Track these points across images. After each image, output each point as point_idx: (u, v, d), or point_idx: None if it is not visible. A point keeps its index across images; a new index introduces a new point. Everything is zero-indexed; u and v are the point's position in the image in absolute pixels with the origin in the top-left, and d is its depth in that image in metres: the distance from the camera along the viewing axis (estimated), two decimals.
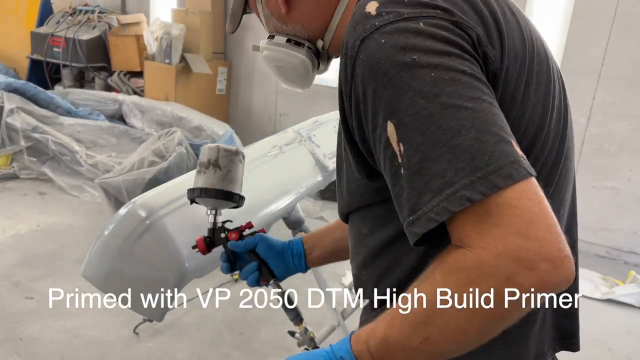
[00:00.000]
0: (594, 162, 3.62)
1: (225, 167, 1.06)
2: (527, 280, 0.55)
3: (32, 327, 2.36)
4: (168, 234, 1.24)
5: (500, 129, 0.60)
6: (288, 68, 0.91)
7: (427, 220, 0.59)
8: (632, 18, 3.35)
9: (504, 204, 0.56)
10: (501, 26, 0.69)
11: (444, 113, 0.59)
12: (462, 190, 0.57)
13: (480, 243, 0.57)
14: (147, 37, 4.49)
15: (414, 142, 0.60)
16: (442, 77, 0.61)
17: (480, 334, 0.60)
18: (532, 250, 0.55)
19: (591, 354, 2.58)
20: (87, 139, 4.05)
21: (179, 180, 1.42)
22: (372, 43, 0.63)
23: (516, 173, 0.57)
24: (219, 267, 1.40)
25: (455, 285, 0.58)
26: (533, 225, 0.55)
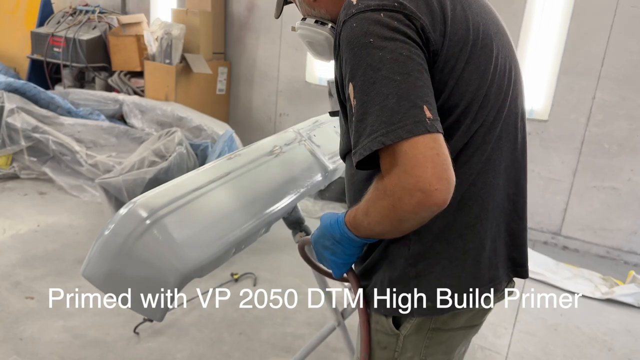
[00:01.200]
0: (594, 162, 3.62)
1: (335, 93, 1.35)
2: (409, 201, 0.84)
3: (32, 327, 2.37)
4: (168, 234, 1.24)
5: (417, 97, 0.85)
6: (316, 43, 1.18)
7: (359, 154, 0.88)
8: (632, 18, 3.35)
9: (402, 150, 0.84)
10: (447, 17, 0.93)
11: (382, 82, 0.86)
12: (380, 137, 0.85)
13: (386, 174, 0.87)
14: (147, 37, 4.49)
15: (361, 100, 0.88)
16: (386, 56, 0.86)
17: (392, 227, 0.91)
18: (411, 183, 0.83)
19: (591, 354, 2.58)
20: (87, 139, 4.05)
21: (179, 180, 1.42)
22: (348, 25, 0.91)
23: (416, 129, 0.83)
24: (219, 267, 1.40)
25: (375, 196, 0.90)
26: (415, 167, 0.82)
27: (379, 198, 0.88)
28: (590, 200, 3.68)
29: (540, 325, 2.79)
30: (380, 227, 0.92)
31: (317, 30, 1.14)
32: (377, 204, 0.89)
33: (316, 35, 1.15)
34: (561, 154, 3.70)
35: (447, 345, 1.09)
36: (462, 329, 1.09)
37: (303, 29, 1.17)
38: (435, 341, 1.06)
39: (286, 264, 3.16)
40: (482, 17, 1.01)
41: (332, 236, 1.03)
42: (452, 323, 1.06)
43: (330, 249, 1.05)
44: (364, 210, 0.94)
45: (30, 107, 4.11)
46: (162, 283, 1.20)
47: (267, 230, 1.59)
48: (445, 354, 1.10)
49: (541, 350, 2.56)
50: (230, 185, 1.47)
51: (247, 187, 1.52)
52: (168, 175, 3.17)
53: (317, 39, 1.16)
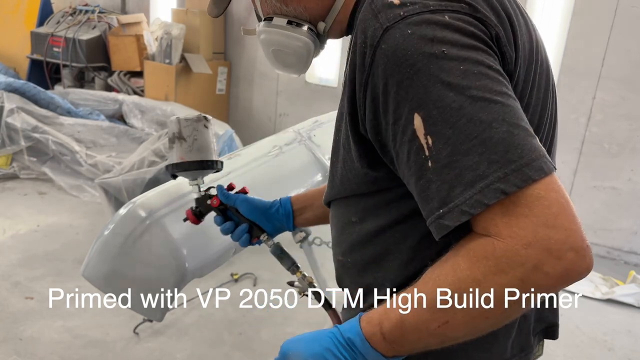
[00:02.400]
0: (594, 162, 3.62)
1: (189, 137, 1.05)
2: (554, 269, 0.57)
3: (32, 327, 2.36)
4: (168, 234, 1.24)
5: (527, 123, 0.61)
6: (288, 52, 0.87)
7: (460, 213, 0.59)
8: (632, 18, 3.35)
9: (532, 195, 0.57)
10: (515, 29, 0.70)
11: (474, 106, 0.59)
12: (496, 183, 0.57)
13: (509, 232, 0.57)
14: (147, 37, 4.49)
15: (443, 135, 0.60)
16: (471, 70, 0.61)
17: (500, 319, 0.61)
18: (560, 240, 0.56)
19: (591, 354, 2.58)
20: (87, 139, 4.05)
21: (179, 180, 1.42)
22: (397, 33, 0.63)
23: (546, 166, 0.58)
24: (219, 267, 1.40)
25: (482, 273, 0.59)
26: (560, 216, 0.57)
27: (494, 273, 0.58)
28: (590, 200, 3.68)
29: None
30: (473, 324, 0.61)
31: (293, 35, 0.84)
32: (487, 283, 0.59)
33: (290, 42, 0.85)
34: (561, 154, 3.70)
35: None
36: None
37: (270, 32, 0.86)
38: None
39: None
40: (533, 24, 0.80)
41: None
42: None
43: None
44: (432, 302, 0.62)
45: (30, 107, 4.11)
46: (162, 283, 1.20)
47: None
48: None
49: None
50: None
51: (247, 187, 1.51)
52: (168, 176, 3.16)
53: (290, 47, 0.85)
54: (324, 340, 0.68)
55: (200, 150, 1.06)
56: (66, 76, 4.90)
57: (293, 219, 1.13)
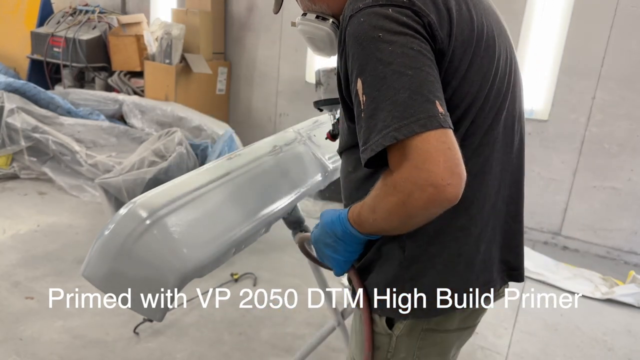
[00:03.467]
0: (594, 162, 3.62)
1: (325, 82, 1.43)
2: (420, 197, 0.81)
3: (32, 327, 2.36)
4: (168, 234, 1.24)
5: (429, 92, 0.83)
6: (317, 39, 1.15)
7: (370, 150, 0.85)
8: (632, 18, 3.35)
9: (413, 145, 0.81)
10: (452, 17, 0.91)
11: (392, 76, 0.83)
12: (392, 132, 0.82)
13: (397, 169, 0.84)
14: (147, 37, 4.49)
15: (371, 95, 0.86)
16: (396, 50, 0.84)
17: (401, 223, 0.89)
18: (423, 177, 0.80)
19: (591, 354, 2.58)
20: (87, 139, 4.05)
21: (179, 180, 1.42)
22: (356, 20, 0.88)
23: (429, 124, 0.81)
24: (219, 267, 1.40)
25: (384, 193, 0.88)
26: (427, 161, 0.80)
27: (388, 194, 0.86)
28: (590, 200, 3.68)
29: (540, 325, 2.78)
30: (387, 224, 0.91)
31: (318, 26, 1.12)
32: (386, 200, 0.87)
33: (317, 31, 1.13)
34: (561, 154, 3.70)
35: (440, 347, 1.09)
36: (456, 331, 1.09)
37: (303, 24, 1.15)
38: (428, 342, 1.07)
39: (286, 264, 3.16)
40: (486, 17, 1.00)
41: (333, 233, 1.01)
42: (445, 324, 1.06)
43: (332, 246, 1.03)
44: (370, 207, 0.92)
45: (30, 107, 4.11)
46: (162, 283, 1.20)
47: (267, 230, 1.59)
48: (439, 356, 1.10)
49: (541, 351, 2.56)
50: (230, 186, 1.47)
51: (247, 187, 1.51)
52: (168, 175, 3.16)
53: (318, 35, 1.14)
54: (334, 216, 1.02)
55: (334, 91, 1.41)
56: (66, 76, 4.90)
57: None
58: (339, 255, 1.04)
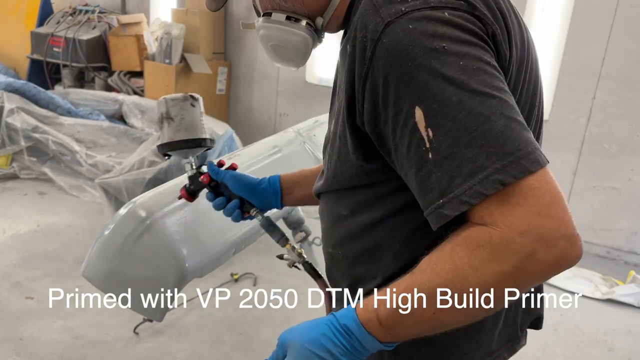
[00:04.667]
0: (594, 162, 3.62)
1: (177, 117, 1.08)
2: (547, 257, 0.59)
3: (32, 327, 2.36)
4: (168, 234, 1.24)
5: (522, 118, 0.64)
6: (287, 47, 0.89)
7: (459, 203, 0.61)
8: (632, 18, 3.35)
9: (527, 186, 0.60)
10: (510, 29, 0.72)
11: (474, 100, 0.62)
12: (494, 175, 0.60)
13: (504, 222, 0.60)
14: (147, 37, 4.49)
15: (444, 128, 0.62)
16: (470, 65, 0.63)
17: (496, 305, 0.63)
18: (553, 229, 0.58)
19: (591, 354, 2.58)
20: (87, 139, 4.05)
21: (179, 180, 1.42)
22: (399, 28, 0.65)
23: (541, 159, 0.61)
24: (219, 267, 1.40)
25: (480, 260, 0.61)
26: (553, 206, 0.59)
27: (491, 260, 0.60)
28: (590, 200, 3.68)
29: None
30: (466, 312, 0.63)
31: (291, 30, 0.85)
32: (483, 271, 0.61)
33: (289, 37, 0.86)
34: (561, 154, 3.70)
35: None
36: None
37: (269, 28, 0.88)
38: None
39: (286, 264, 3.16)
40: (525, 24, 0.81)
41: (328, 353, 0.68)
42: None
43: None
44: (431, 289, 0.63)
45: (30, 107, 4.11)
46: (162, 283, 1.20)
47: None
48: None
49: (541, 350, 2.56)
50: None
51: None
52: (168, 175, 3.16)
53: (289, 42, 0.87)
54: (321, 326, 0.70)
55: (189, 129, 1.09)
56: (66, 76, 4.89)
57: (281, 198, 1.15)
58: None
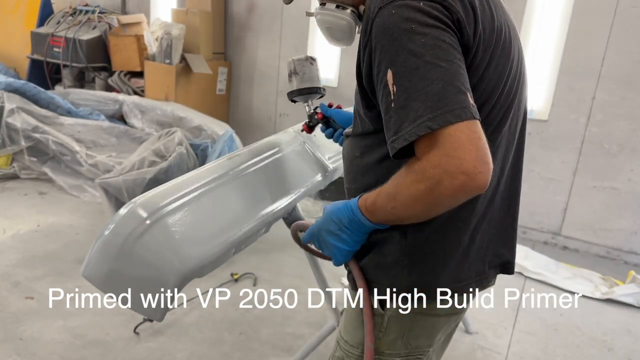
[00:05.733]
0: (594, 162, 3.62)
1: (301, 72, 1.46)
2: (450, 184, 0.82)
3: (32, 327, 2.37)
4: (168, 234, 1.24)
5: (462, 84, 0.86)
6: (336, 29, 1.18)
7: (403, 139, 0.86)
8: (632, 18, 3.35)
9: (446, 133, 0.82)
10: (477, 16, 0.93)
11: (425, 67, 0.85)
12: (427, 122, 0.83)
13: (426, 157, 0.85)
14: (147, 37, 4.49)
15: (403, 86, 0.86)
16: (429, 42, 0.86)
17: (424, 211, 0.91)
18: (454, 165, 0.81)
19: (591, 354, 2.58)
20: (87, 139, 4.05)
21: (179, 180, 1.42)
22: (386, 12, 0.89)
23: (463, 114, 0.83)
24: (219, 267, 1.40)
25: (410, 180, 0.88)
26: (459, 149, 0.82)
27: (415, 181, 0.86)
28: (590, 200, 3.68)
29: (540, 325, 2.79)
30: (407, 212, 0.92)
31: (339, 15, 1.15)
32: (411, 188, 0.87)
33: (337, 21, 1.16)
34: (561, 154, 3.70)
35: (429, 330, 1.12)
36: (444, 316, 1.12)
37: (323, 14, 1.18)
38: (418, 324, 1.10)
39: (286, 264, 3.16)
40: (504, 17, 1.02)
41: (339, 220, 1.02)
42: (435, 308, 1.09)
43: (335, 234, 1.04)
44: (389, 195, 0.93)
45: (30, 107, 4.11)
46: (162, 283, 1.20)
47: (267, 230, 1.59)
48: (427, 339, 1.13)
49: (541, 350, 2.56)
50: (230, 186, 1.47)
51: (247, 187, 1.52)
52: (168, 175, 3.17)
53: (338, 24, 1.16)
54: (340, 205, 1.04)
55: (309, 81, 1.47)
56: (66, 76, 4.90)
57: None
58: (343, 244, 1.04)
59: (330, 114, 1.51)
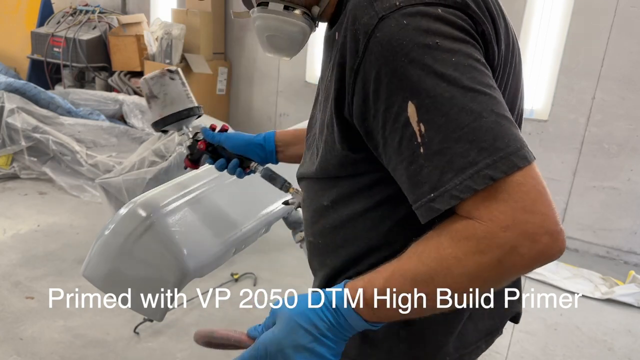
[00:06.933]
0: (594, 162, 3.62)
1: (160, 93, 1.15)
2: (529, 251, 0.60)
3: (32, 327, 2.37)
4: (168, 234, 1.24)
5: (510, 115, 0.65)
6: (282, 37, 0.87)
7: (450, 197, 0.62)
8: (632, 18, 3.35)
9: (514, 182, 0.61)
10: (497, 27, 0.73)
11: (465, 96, 0.62)
12: (485, 170, 0.61)
13: (489, 216, 0.61)
14: (148, 37, 4.49)
15: (436, 123, 0.63)
16: (462, 62, 0.64)
17: (478, 295, 0.65)
18: (537, 224, 0.59)
19: (591, 354, 2.58)
20: (87, 139, 4.05)
21: (179, 180, 1.42)
22: (393, 23, 0.65)
23: (529, 155, 0.63)
24: (219, 267, 1.40)
25: (464, 252, 0.62)
26: (537, 202, 0.60)
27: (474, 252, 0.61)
28: (590, 200, 3.68)
29: (540, 325, 2.78)
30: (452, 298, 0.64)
31: (290, 20, 0.84)
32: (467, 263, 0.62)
33: (286, 27, 0.85)
34: (561, 154, 3.70)
35: None
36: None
37: (266, 18, 0.85)
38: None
39: (286, 264, 3.16)
40: (510, 23, 0.82)
41: (313, 327, 0.69)
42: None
43: (309, 349, 0.69)
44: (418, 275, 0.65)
45: (30, 107, 4.11)
46: (162, 283, 1.20)
47: (267, 230, 1.59)
48: None
49: (541, 350, 2.56)
50: (230, 186, 1.47)
51: (247, 187, 1.52)
52: (168, 175, 3.16)
53: (286, 32, 0.85)
54: (312, 300, 0.71)
55: (174, 103, 1.16)
56: (66, 76, 4.90)
57: (276, 154, 1.22)
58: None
59: (216, 140, 1.20)
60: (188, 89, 1.20)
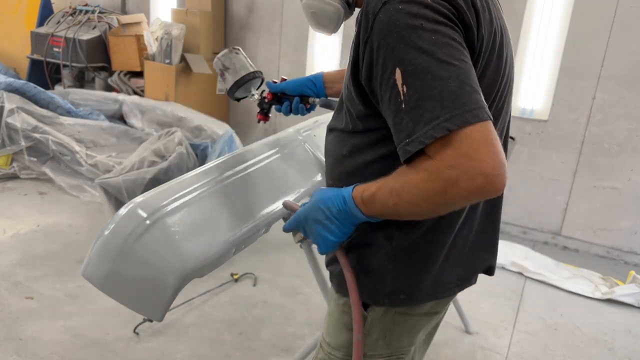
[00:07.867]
0: (594, 162, 3.62)
1: (231, 65, 1.48)
2: (467, 186, 0.79)
3: (32, 327, 2.37)
4: (168, 234, 1.24)
5: (475, 84, 0.83)
6: (322, 15, 1.16)
7: (418, 142, 0.82)
8: (632, 18, 3.35)
9: (464, 134, 0.79)
10: (479, 18, 0.91)
11: (438, 66, 0.81)
12: (443, 123, 0.79)
13: (441, 157, 0.80)
14: (147, 37, 4.49)
15: (414, 85, 0.82)
16: (440, 40, 0.82)
17: (430, 210, 0.88)
18: (474, 167, 0.78)
19: (591, 354, 2.58)
20: (87, 139, 4.05)
21: (179, 180, 1.42)
22: (391, 7, 0.85)
23: (481, 115, 0.80)
24: (219, 267, 1.40)
25: (420, 179, 0.84)
26: (479, 150, 0.78)
27: (427, 180, 0.82)
28: (590, 200, 3.68)
29: (540, 325, 2.78)
30: (411, 209, 0.88)
31: (328, 2, 1.13)
32: (421, 186, 0.83)
33: (325, 7, 1.14)
34: (561, 154, 3.70)
35: (410, 329, 1.13)
36: (425, 315, 1.13)
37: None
38: (399, 325, 1.10)
39: (286, 264, 3.16)
40: (500, 23, 1.00)
41: (327, 210, 0.98)
42: (417, 308, 1.10)
43: (322, 224, 0.99)
44: (393, 189, 0.88)
45: (30, 107, 4.11)
46: (162, 283, 1.20)
47: (267, 230, 1.59)
48: (409, 339, 1.14)
49: (541, 350, 2.56)
50: (230, 186, 1.47)
51: (247, 188, 1.52)
52: (168, 175, 3.16)
53: (325, 11, 1.14)
54: (330, 192, 0.99)
55: (242, 69, 1.49)
56: (66, 76, 4.90)
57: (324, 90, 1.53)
58: (330, 234, 0.99)
59: (279, 88, 1.54)
60: (249, 60, 1.53)
